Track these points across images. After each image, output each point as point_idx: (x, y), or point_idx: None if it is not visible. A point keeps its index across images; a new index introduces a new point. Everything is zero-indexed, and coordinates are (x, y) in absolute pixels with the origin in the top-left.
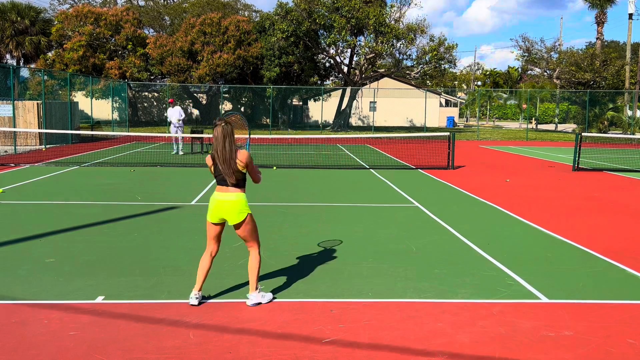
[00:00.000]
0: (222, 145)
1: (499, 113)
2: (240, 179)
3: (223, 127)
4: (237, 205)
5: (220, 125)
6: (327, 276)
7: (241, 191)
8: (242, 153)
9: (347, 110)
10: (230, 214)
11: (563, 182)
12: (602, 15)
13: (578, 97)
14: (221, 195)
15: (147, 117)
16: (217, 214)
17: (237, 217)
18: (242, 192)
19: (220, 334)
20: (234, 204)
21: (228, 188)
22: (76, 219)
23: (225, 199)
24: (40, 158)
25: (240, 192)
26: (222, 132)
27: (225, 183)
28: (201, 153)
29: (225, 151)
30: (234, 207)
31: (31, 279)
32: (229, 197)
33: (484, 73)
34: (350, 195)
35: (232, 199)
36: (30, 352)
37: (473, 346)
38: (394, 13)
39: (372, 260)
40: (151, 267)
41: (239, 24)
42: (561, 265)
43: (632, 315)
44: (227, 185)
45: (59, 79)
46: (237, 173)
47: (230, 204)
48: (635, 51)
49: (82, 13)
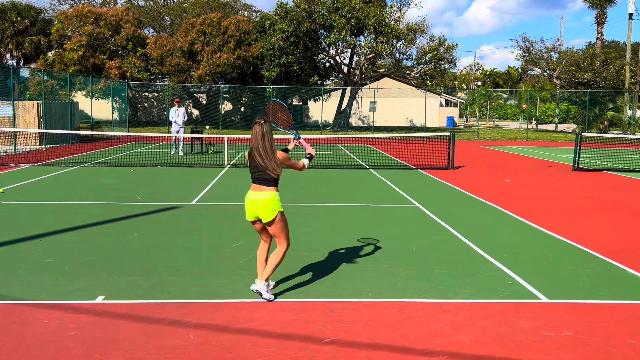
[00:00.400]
0: (262, 143)
1: (499, 113)
2: (271, 178)
3: (262, 125)
4: (270, 204)
5: (259, 123)
6: (327, 276)
7: (274, 190)
8: (280, 154)
9: (347, 110)
10: (262, 212)
11: (563, 182)
12: (602, 15)
13: (578, 97)
14: (254, 195)
15: (147, 117)
16: (251, 212)
17: (269, 215)
18: (274, 190)
19: (220, 334)
20: (267, 203)
21: (261, 187)
22: (76, 219)
23: (258, 198)
24: (40, 158)
25: (273, 190)
26: (260, 130)
27: (259, 182)
28: (201, 153)
29: (265, 148)
30: (266, 206)
31: (31, 279)
32: (262, 196)
33: (484, 73)
34: (350, 195)
35: (265, 197)
36: (30, 352)
37: (473, 346)
38: (394, 13)
39: (372, 260)
40: (151, 267)
41: (239, 24)
42: (561, 265)
43: (632, 315)
44: (260, 184)
45: (59, 79)
46: (275, 171)
47: (263, 203)
48: (635, 51)
49: (82, 13)
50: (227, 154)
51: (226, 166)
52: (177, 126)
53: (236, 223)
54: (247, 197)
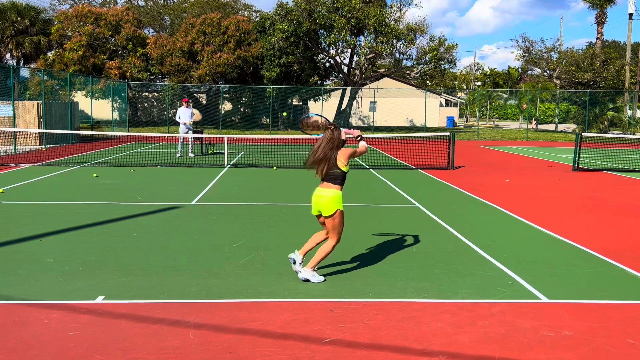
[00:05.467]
0: (322, 148)
1: (499, 113)
2: (338, 177)
3: (332, 131)
4: (330, 201)
5: (330, 129)
6: (327, 276)
7: (337, 188)
8: (342, 151)
9: (347, 110)
10: (323, 207)
11: (563, 182)
12: (602, 15)
13: (578, 97)
14: (319, 191)
15: (147, 117)
16: (315, 206)
17: (329, 210)
18: (338, 189)
19: (220, 334)
20: (329, 199)
21: (327, 184)
22: (76, 219)
23: (321, 194)
24: (40, 158)
25: (337, 189)
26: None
27: (326, 180)
28: (201, 154)
29: (320, 153)
30: (327, 203)
31: (31, 279)
32: (325, 193)
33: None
34: (350, 195)
35: (328, 194)
36: (30, 352)
37: (473, 346)
38: (394, 13)
39: (372, 260)
40: (151, 267)
41: (239, 24)
42: (561, 265)
43: (632, 315)
44: (326, 181)
45: (59, 79)
46: (333, 170)
47: (325, 199)
48: (635, 51)
49: (82, 13)
50: (227, 154)
51: (226, 166)
52: (184, 127)
53: (236, 223)
54: (314, 193)
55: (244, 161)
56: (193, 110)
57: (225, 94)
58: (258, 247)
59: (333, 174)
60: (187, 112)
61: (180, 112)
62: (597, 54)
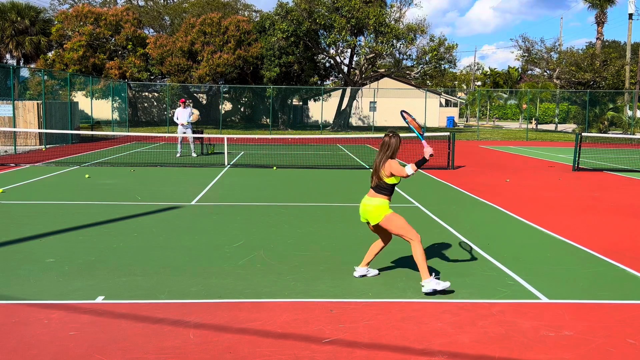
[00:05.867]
0: (378, 154)
1: (499, 113)
2: (384, 187)
3: (390, 138)
4: (376, 209)
5: (389, 135)
6: (327, 276)
7: (384, 198)
8: (388, 163)
9: (347, 110)
10: (369, 216)
11: (563, 182)
12: (602, 15)
13: (578, 97)
14: (366, 200)
15: (147, 117)
16: (362, 215)
17: (375, 219)
18: (384, 198)
19: (220, 334)
20: (374, 209)
21: (373, 194)
22: (76, 219)
23: (366, 203)
24: (40, 158)
25: (382, 198)
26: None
27: (373, 189)
28: (202, 154)
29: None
30: (372, 212)
31: (31, 279)
32: (370, 202)
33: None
34: (350, 195)
35: (373, 203)
36: (30, 352)
37: (473, 346)
38: (394, 13)
39: (372, 260)
40: (151, 267)
41: (239, 24)
42: (561, 265)
43: (632, 315)
44: (373, 190)
45: (59, 79)
46: (381, 182)
47: (371, 208)
48: (635, 51)
49: (82, 13)
50: (227, 154)
51: (226, 166)
52: (182, 127)
53: (236, 223)
54: (361, 202)
55: (244, 161)
56: (192, 110)
57: (225, 94)
58: (258, 247)
59: (380, 184)
60: (185, 113)
61: (177, 113)
62: (597, 54)
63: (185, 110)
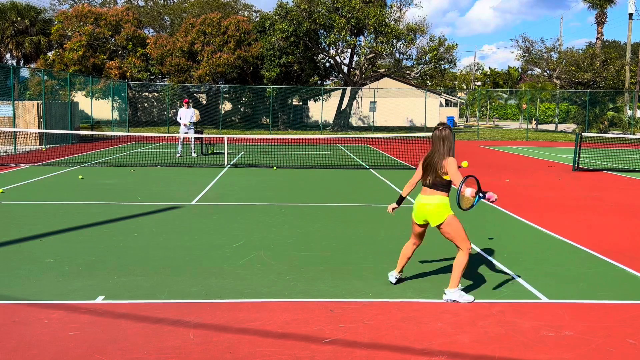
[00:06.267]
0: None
1: (499, 113)
2: (442, 183)
3: (441, 131)
4: (438, 208)
5: (439, 128)
6: (327, 276)
7: (443, 194)
8: (447, 160)
9: (347, 110)
10: (430, 216)
11: (563, 182)
12: (602, 15)
13: (578, 97)
14: (424, 199)
15: (147, 117)
16: (420, 215)
17: (437, 219)
18: (444, 195)
19: (220, 334)
20: (436, 207)
21: (432, 191)
22: (76, 219)
23: (427, 202)
24: (40, 158)
25: (442, 195)
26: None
27: (430, 186)
28: (202, 154)
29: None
30: (434, 211)
31: (31, 279)
32: (431, 200)
33: (484, 73)
34: (350, 195)
35: (434, 201)
36: (30, 352)
37: (473, 346)
38: (394, 13)
39: (372, 260)
40: (151, 267)
41: (239, 24)
42: (561, 265)
43: (632, 315)
44: (431, 188)
45: (59, 79)
46: (438, 178)
47: (432, 207)
48: (635, 51)
49: (82, 13)
50: (227, 154)
51: (226, 166)
52: (185, 128)
53: (236, 223)
54: (416, 200)
55: (244, 161)
56: (195, 111)
57: (225, 94)
58: (258, 247)
59: (438, 181)
60: (188, 113)
61: (180, 113)
62: (597, 54)
63: (188, 111)
